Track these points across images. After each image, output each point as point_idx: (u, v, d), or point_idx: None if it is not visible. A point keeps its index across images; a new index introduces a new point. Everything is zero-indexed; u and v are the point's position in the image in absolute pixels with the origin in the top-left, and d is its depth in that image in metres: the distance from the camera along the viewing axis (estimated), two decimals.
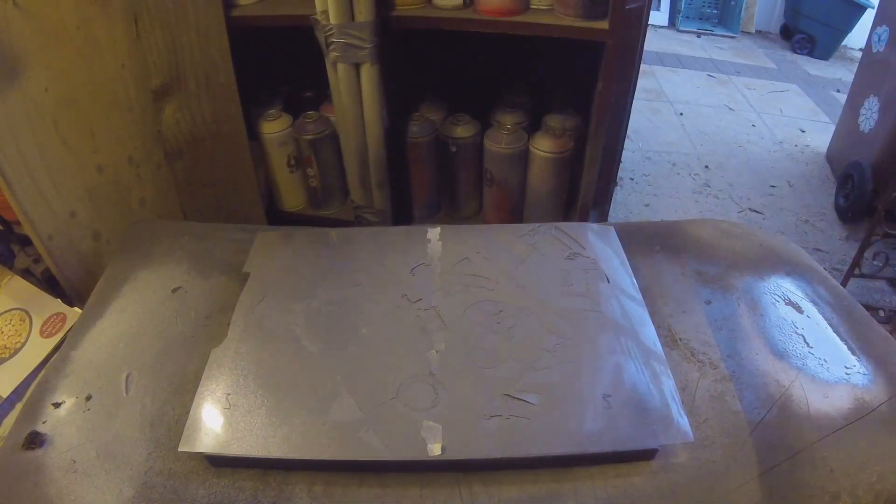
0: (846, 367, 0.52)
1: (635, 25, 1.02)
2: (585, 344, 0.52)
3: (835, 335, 0.56)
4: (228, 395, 0.47)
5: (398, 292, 0.57)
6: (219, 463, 0.45)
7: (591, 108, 1.12)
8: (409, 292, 0.57)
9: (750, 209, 2.05)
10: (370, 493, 0.43)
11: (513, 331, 0.53)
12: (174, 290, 0.60)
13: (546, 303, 0.56)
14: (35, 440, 0.46)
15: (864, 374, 0.52)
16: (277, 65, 1.36)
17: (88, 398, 0.49)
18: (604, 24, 0.96)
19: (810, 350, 0.54)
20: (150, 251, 0.66)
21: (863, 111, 2.05)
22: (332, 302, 0.57)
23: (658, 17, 4.11)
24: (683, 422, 0.45)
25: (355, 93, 1.08)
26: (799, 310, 0.59)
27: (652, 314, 0.55)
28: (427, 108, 1.27)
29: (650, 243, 0.67)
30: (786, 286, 0.61)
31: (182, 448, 0.43)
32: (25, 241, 0.82)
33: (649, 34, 1.26)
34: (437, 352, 0.51)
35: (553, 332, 0.53)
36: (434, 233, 0.65)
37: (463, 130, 1.20)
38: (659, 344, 0.52)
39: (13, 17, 0.69)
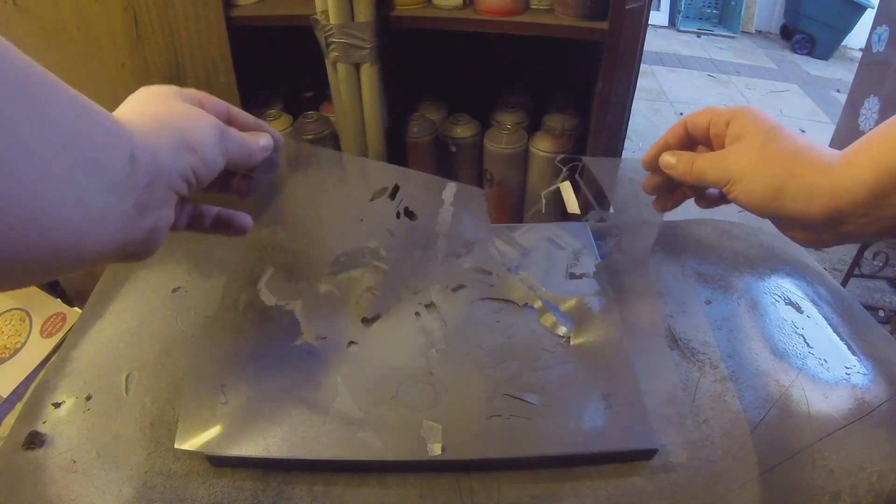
0: (846, 367, 0.52)
1: (635, 25, 1.02)
2: (586, 343, 0.52)
3: (835, 335, 0.56)
4: (223, 385, 0.47)
5: (400, 286, 0.57)
6: (219, 463, 0.45)
7: (591, 108, 1.12)
8: (410, 285, 0.57)
9: None
10: (370, 493, 0.43)
11: (513, 330, 0.53)
12: (174, 290, 0.60)
13: (546, 302, 0.56)
14: (35, 440, 0.46)
15: (864, 374, 0.52)
16: (277, 65, 1.37)
17: (88, 398, 0.49)
18: (604, 24, 0.96)
19: (810, 350, 0.54)
20: None
21: (863, 111, 2.05)
22: (331, 291, 0.56)
23: (658, 17, 4.11)
24: (683, 422, 0.45)
25: (355, 93, 1.08)
26: (799, 310, 0.59)
27: (652, 314, 0.55)
28: (427, 108, 1.27)
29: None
30: (786, 286, 0.61)
31: (178, 445, 0.43)
32: None
33: (649, 34, 1.26)
34: (436, 351, 0.51)
35: (553, 331, 0.53)
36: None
37: (463, 130, 1.20)
38: (660, 343, 0.52)
39: (13, 17, 0.69)
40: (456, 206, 0.56)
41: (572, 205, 0.58)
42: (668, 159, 0.43)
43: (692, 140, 0.43)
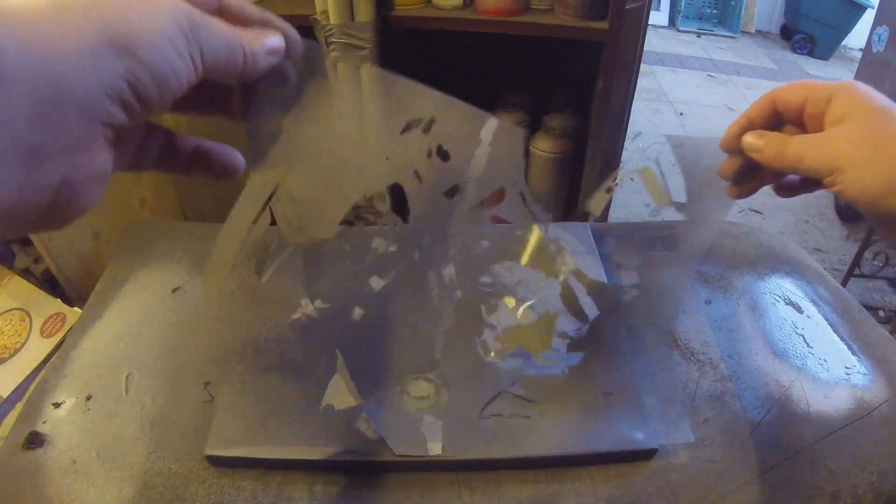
0: (846, 367, 0.52)
1: (635, 25, 1.02)
2: (587, 340, 0.52)
3: (835, 335, 0.56)
4: (207, 383, 0.47)
5: (418, 241, 0.51)
6: (219, 463, 0.45)
7: (591, 108, 1.12)
8: (429, 240, 0.51)
9: (750, 209, 2.05)
10: (370, 493, 0.43)
11: (528, 308, 0.52)
12: (174, 290, 0.60)
13: (572, 277, 0.54)
14: (35, 440, 0.46)
15: (864, 374, 0.52)
16: None
17: (88, 398, 0.49)
18: (604, 24, 0.96)
19: (810, 350, 0.54)
20: (150, 251, 0.66)
21: None
22: (341, 246, 0.51)
23: (658, 17, 4.11)
24: (683, 422, 0.45)
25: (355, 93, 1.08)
26: (799, 310, 0.59)
27: (652, 314, 0.55)
28: None
29: (650, 243, 0.67)
30: (786, 286, 0.61)
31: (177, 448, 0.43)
32: (25, 241, 0.82)
33: (649, 34, 1.26)
34: (444, 332, 0.49)
35: (573, 314, 0.52)
36: None
37: None
38: (660, 343, 0.52)
39: None
40: (493, 147, 0.45)
41: (660, 195, 0.49)
42: (753, 141, 0.37)
43: (779, 119, 0.37)
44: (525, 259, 0.51)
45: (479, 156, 0.46)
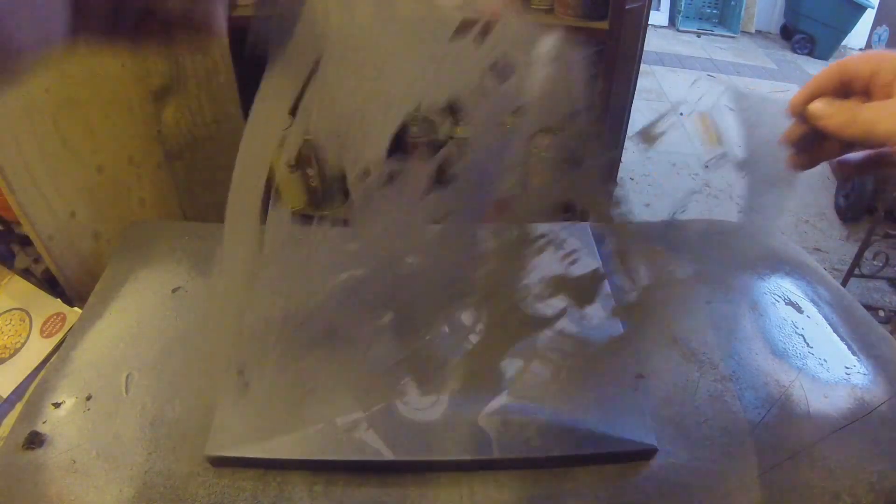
0: (846, 367, 0.52)
1: (635, 25, 1.02)
2: (585, 339, 0.52)
3: (835, 335, 0.56)
4: (241, 372, 0.46)
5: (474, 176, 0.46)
6: (219, 463, 0.45)
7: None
8: (486, 174, 0.47)
9: None
10: (370, 493, 0.43)
11: (570, 268, 0.52)
12: (174, 290, 0.60)
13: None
14: (35, 440, 0.46)
15: (864, 374, 0.52)
16: None
17: (88, 398, 0.49)
18: (604, 25, 0.96)
19: (810, 350, 0.54)
20: (150, 251, 0.66)
21: None
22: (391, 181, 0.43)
23: (658, 17, 4.11)
24: (683, 422, 0.45)
25: None
26: (799, 310, 0.59)
27: (651, 314, 0.55)
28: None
29: (650, 243, 0.67)
30: (786, 286, 0.61)
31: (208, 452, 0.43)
32: (25, 241, 0.82)
33: (649, 34, 1.26)
34: (483, 275, 0.46)
35: (603, 287, 0.52)
36: None
37: (463, 130, 1.20)
38: (658, 343, 0.52)
39: None
40: (554, 68, 0.39)
41: (713, 137, 0.48)
42: (822, 108, 0.35)
43: (845, 90, 0.36)
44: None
45: (539, 76, 0.38)
